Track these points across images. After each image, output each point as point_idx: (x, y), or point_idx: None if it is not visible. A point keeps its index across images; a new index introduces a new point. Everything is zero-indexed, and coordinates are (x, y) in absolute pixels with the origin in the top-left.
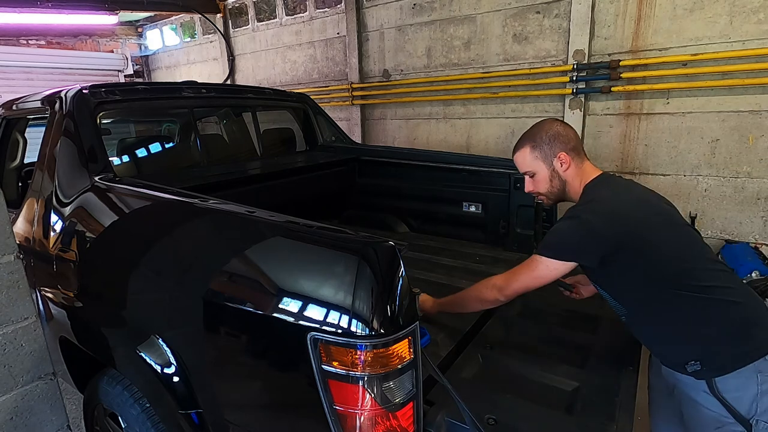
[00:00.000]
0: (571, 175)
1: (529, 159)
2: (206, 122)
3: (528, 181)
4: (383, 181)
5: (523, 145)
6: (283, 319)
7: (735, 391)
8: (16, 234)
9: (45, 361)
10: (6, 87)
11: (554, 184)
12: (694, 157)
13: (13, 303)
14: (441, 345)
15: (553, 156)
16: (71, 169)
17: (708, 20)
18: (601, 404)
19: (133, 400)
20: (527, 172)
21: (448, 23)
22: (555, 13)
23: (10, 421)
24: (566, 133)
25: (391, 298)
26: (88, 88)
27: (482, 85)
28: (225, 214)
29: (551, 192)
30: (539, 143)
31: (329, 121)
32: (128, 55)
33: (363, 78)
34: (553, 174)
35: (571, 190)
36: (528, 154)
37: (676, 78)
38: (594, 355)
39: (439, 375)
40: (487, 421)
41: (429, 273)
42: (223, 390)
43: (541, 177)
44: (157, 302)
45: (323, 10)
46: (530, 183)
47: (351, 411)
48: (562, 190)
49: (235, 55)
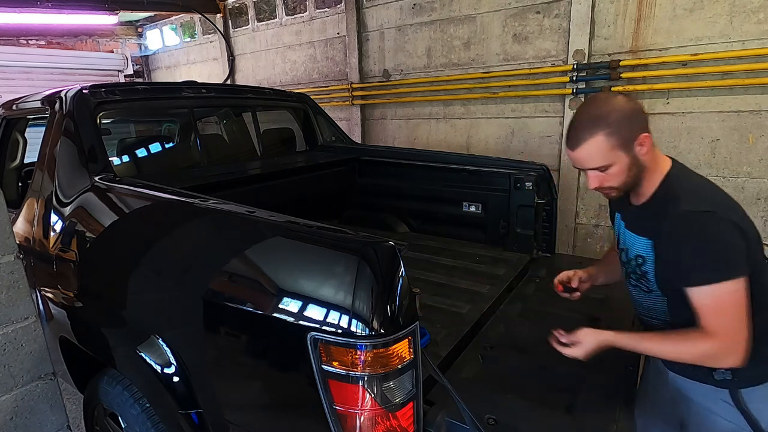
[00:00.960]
0: (650, 159)
1: (605, 149)
2: (206, 122)
3: (595, 176)
4: (383, 181)
5: (594, 133)
6: (283, 319)
7: (759, 402)
8: (16, 234)
9: (45, 361)
10: (6, 87)
11: (632, 173)
12: (693, 157)
13: (13, 303)
14: (441, 345)
15: (633, 140)
16: (71, 169)
17: (708, 20)
18: (601, 404)
19: (133, 400)
20: (600, 166)
21: (448, 23)
22: (555, 13)
23: (10, 421)
24: (639, 107)
25: (391, 298)
26: (88, 88)
27: (482, 85)
28: (225, 214)
29: (626, 183)
30: (616, 127)
31: (329, 121)
32: (128, 55)
33: (363, 78)
34: (634, 161)
35: (649, 178)
36: (603, 144)
37: (676, 78)
38: (594, 355)
39: (439, 375)
40: (487, 421)
41: (429, 273)
42: (223, 390)
43: (618, 168)
44: (157, 302)
45: (323, 10)
46: (599, 178)
47: (351, 411)
48: (638, 179)
49: (235, 55)
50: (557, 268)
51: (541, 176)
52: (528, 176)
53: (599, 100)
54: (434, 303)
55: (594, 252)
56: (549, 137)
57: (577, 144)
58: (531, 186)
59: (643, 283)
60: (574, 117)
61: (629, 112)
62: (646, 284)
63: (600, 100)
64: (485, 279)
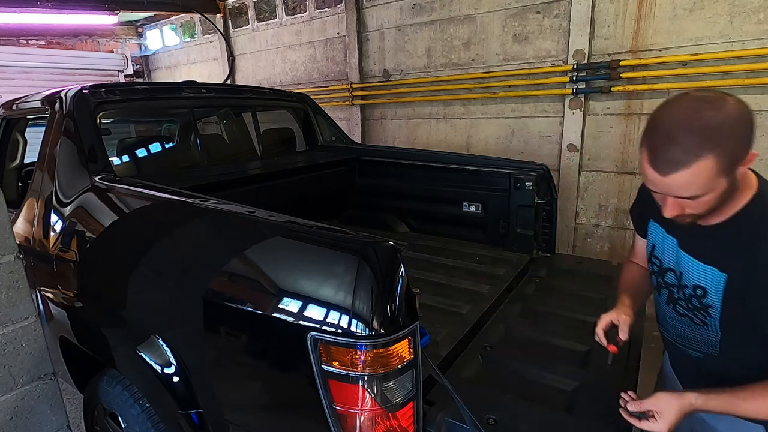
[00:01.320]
0: (742, 176)
1: (711, 176)
2: (206, 122)
3: (677, 204)
4: (383, 181)
5: (701, 155)
6: (283, 319)
7: None
8: (16, 234)
9: (45, 361)
10: (6, 87)
11: (723, 198)
12: None
13: (13, 303)
14: (441, 345)
15: (741, 161)
16: (71, 169)
17: (708, 20)
18: (601, 404)
19: (133, 400)
20: (693, 196)
21: (448, 23)
22: (555, 13)
23: (10, 421)
24: (751, 114)
25: (391, 298)
26: (88, 88)
27: (482, 85)
28: (225, 214)
29: (710, 210)
30: (729, 146)
31: (329, 121)
32: (128, 55)
33: (363, 78)
34: (731, 185)
35: (735, 200)
36: (711, 170)
37: (676, 78)
38: (594, 355)
39: (439, 375)
40: (487, 421)
41: (429, 273)
42: (223, 390)
43: (712, 196)
44: (157, 302)
45: (323, 10)
46: (681, 206)
47: (351, 411)
48: (725, 203)
49: (235, 55)
50: (557, 268)
51: (541, 176)
52: (528, 176)
53: (706, 102)
54: (434, 303)
55: (594, 252)
56: (549, 137)
57: (673, 168)
58: (531, 186)
59: (698, 315)
60: (666, 125)
61: (745, 124)
62: (701, 317)
63: (707, 103)
64: (485, 279)
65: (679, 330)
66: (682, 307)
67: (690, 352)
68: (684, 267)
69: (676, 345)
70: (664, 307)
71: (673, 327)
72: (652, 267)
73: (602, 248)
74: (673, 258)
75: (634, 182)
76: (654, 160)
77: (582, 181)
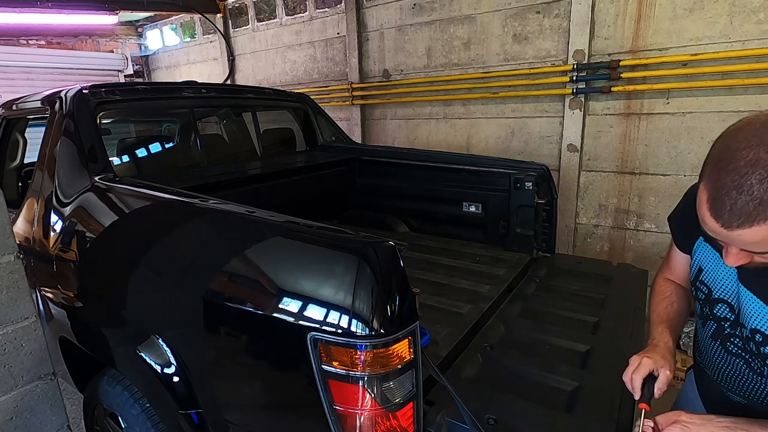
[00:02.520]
0: None
1: None
2: (206, 122)
3: (745, 256)
4: (383, 181)
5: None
6: (283, 319)
7: None
8: (16, 234)
9: (45, 361)
10: (6, 87)
11: None
12: (694, 157)
13: (13, 303)
14: (441, 345)
15: None
16: (71, 169)
17: (708, 20)
18: (601, 404)
19: (133, 400)
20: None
21: (448, 23)
22: (555, 13)
23: (10, 421)
24: None
25: (391, 298)
26: (88, 88)
27: (482, 85)
28: (225, 214)
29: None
30: None
31: (329, 121)
32: (128, 55)
33: (363, 78)
34: None
35: None
36: None
37: (676, 78)
38: (594, 355)
39: (439, 375)
40: (487, 421)
41: (429, 273)
42: (223, 390)
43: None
44: (157, 302)
45: (323, 10)
46: (747, 258)
47: (351, 411)
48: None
49: (235, 55)
50: (557, 268)
51: (541, 176)
52: (528, 176)
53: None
54: (434, 303)
55: (594, 252)
56: (549, 137)
57: (744, 223)
58: (531, 186)
59: (755, 361)
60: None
61: None
62: (758, 365)
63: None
64: (485, 279)
65: (725, 370)
66: (736, 346)
67: (730, 395)
68: (744, 305)
69: (714, 381)
70: (707, 340)
71: (718, 365)
72: (698, 293)
73: (602, 248)
74: (729, 290)
75: (634, 182)
76: (717, 207)
77: (582, 181)
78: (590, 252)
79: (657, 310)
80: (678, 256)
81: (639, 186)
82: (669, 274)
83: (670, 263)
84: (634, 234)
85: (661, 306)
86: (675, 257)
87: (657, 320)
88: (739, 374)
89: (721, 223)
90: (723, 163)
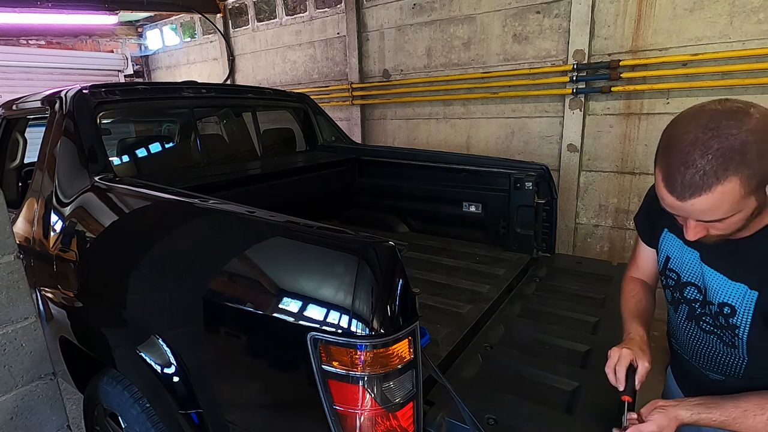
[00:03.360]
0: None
1: (737, 198)
2: (206, 122)
3: (702, 227)
4: (383, 181)
5: (725, 177)
6: (283, 319)
7: None
8: (16, 234)
9: (45, 361)
10: (6, 87)
11: (753, 216)
12: None
13: (13, 303)
14: (441, 345)
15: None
16: (71, 169)
17: (708, 20)
18: (601, 404)
19: (133, 400)
20: (719, 218)
21: (448, 23)
22: (555, 13)
23: (10, 421)
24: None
25: (391, 298)
26: (88, 88)
27: (482, 85)
28: (225, 214)
29: (739, 229)
30: (758, 164)
31: (329, 121)
32: (128, 55)
33: (363, 78)
34: (762, 203)
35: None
36: (737, 191)
37: (676, 78)
38: (594, 355)
39: (439, 375)
40: (487, 421)
41: (429, 273)
42: (223, 390)
43: (740, 217)
44: (157, 302)
45: (323, 10)
46: (705, 228)
47: (351, 411)
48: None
49: (235, 55)
50: (557, 268)
51: (541, 176)
52: (528, 176)
53: (725, 117)
54: (434, 303)
55: (594, 252)
56: (549, 137)
57: (693, 193)
58: (531, 186)
59: (725, 334)
60: (682, 144)
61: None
62: (729, 338)
63: (727, 117)
64: (485, 279)
65: (701, 349)
66: (708, 324)
67: (709, 374)
68: (709, 283)
69: (692, 364)
70: (682, 323)
71: (693, 346)
72: (667, 281)
73: (602, 248)
74: (694, 272)
75: (634, 182)
76: (670, 183)
77: (582, 181)
78: (590, 252)
79: (628, 306)
80: (645, 252)
81: (639, 186)
82: (636, 272)
83: (636, 261)
84: (634, 234)
85: (631, 303)
86: (642, 254)
87: (629, 316)
88: (714, 350)
89: (675, 196)
90: (670, 146)
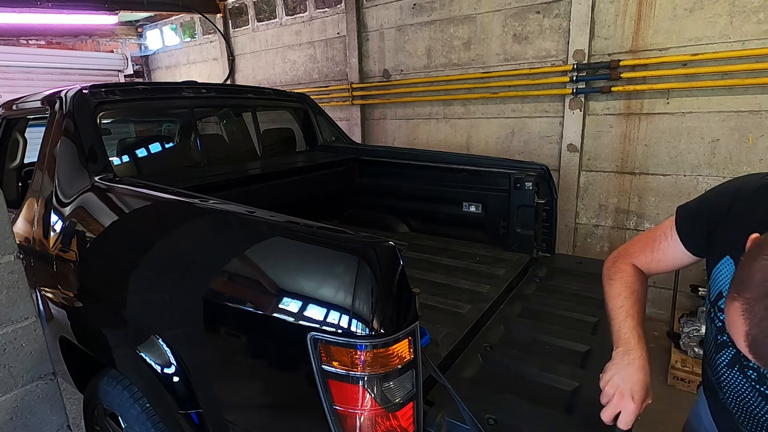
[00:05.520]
0: None
1: None
2: (206, 122)
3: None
4: (383, 181)
5: None
6: (283, 319)
7: None
8: (16, 234)
9: (45, 361)
10: (6, 87)
11: None
12: (694, 157)
13: (13, 303)
14: (441, 345)
15: None
16: (71, 169)
17: (708, 20)
18: (601, 404)
19: (133, 400)
20: None
21: (448, 23)
22: (555, 13)
23: (10, 421)
24: None
25: (391, 298)
26: (88, 88)
27: (482, 85)
28: (225, 214)
29: None
30: None
31: (329, 121)
32: (128, 55)
33: (363, 78)
34: None
35: None
36: None
37: (676, 78)
38: (594, 355)
39: (439, 375)
40: (487, 421)
41: (429, 273)
42: (223, 390)
43: None
44: (157, 302)
45: (323, 10)
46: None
47: (351, 411)
48: None
49: (235, 55)
50: (557, 268)
51: (541, 176)
52: (528, 176)
53: None
54: (434, 303)
55: (594, 252)
56: (549, 137)
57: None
58: (531, 186)
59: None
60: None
61: None
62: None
63: None
64: (485, 279)
65: (740, 399)
66: (751, 374)
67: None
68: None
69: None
70: (723, 369)
71: (732, 393)
72: (715, 321)
73: (602, 248)
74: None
75: (634, 182)
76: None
77: (582, 181)
78: (590, 252)
79: (626, 305)
80: (673, 250)
81: (639, 186)
82: (642, 261)
83: (653, 252)
84: (634, 234)
85: (630, 301)
86: (669, 249)
87: (624, 315)
88: (755, 405)
89: (762, 363)
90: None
